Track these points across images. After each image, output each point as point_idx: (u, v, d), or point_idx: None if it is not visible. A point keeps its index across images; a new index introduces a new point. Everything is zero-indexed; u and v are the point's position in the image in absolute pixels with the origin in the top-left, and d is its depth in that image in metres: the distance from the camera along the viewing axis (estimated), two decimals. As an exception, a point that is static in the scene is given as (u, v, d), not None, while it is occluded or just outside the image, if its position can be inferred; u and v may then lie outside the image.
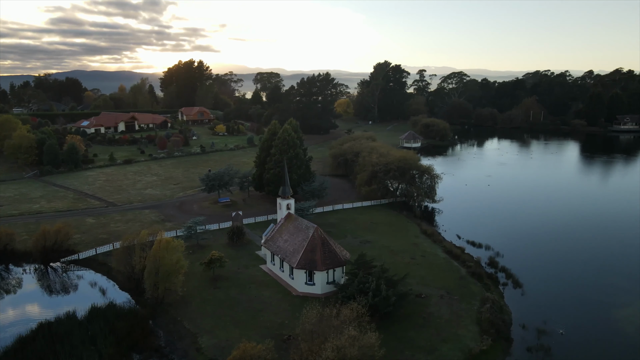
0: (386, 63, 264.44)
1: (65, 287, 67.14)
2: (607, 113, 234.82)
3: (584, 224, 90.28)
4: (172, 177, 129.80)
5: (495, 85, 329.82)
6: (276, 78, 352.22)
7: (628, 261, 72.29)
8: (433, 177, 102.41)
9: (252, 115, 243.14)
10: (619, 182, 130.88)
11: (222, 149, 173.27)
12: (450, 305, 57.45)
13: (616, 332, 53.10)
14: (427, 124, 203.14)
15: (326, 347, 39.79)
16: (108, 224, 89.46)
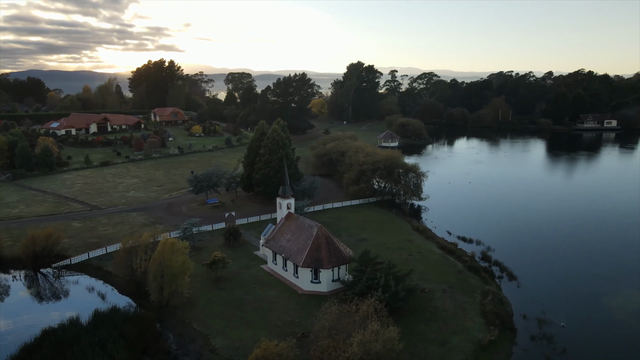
0: (359, 64, 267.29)
1: (62, 293, 65.36)
2: (571, 112, 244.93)
3: (565, 218, 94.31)
4: (154, 179, 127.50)
5: (464, 85, 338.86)
6: (247, 78, 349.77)
7: (611, 252, 76.19)
8: (419, 175, 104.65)
9: (226, 116, 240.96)
10: (590, 178, 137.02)
11: (201, 150, 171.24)
12: (454, 298, 59.26)
13: (608, 319, 56.09)
14: (403, 124, 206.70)
15: (351, 342, 40.55)
16: (95, 227, 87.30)
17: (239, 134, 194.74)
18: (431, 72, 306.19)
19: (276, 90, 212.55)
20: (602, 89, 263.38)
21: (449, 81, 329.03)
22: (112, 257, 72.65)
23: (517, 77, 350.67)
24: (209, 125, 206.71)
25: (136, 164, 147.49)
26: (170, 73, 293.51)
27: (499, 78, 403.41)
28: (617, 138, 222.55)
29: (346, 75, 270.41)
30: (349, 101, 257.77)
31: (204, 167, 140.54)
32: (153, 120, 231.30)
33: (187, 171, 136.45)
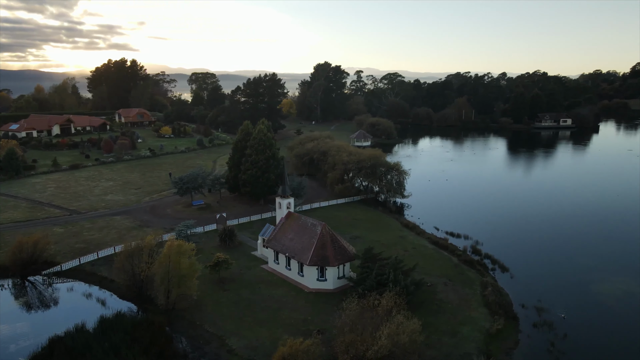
0: (326, 64, 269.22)
1: (58, 301, 63.12)
2: (529, 111, 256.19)
3: (542, 211, 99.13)
4: (130, 181, 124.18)
5: (425, 86, 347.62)
6: (212, 79, 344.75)
7: (590, 242, 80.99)
8: (401, 173, 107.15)
9: (194, 116, 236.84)
10: (555, 173, 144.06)
11: (173, 152, 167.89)
12: (455, 291, 61.55)
13: (600, 304, 59.90)
14: (373, 123, 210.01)
15: (379, 336, 41.68)
16: (80, 232, 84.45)
17: (211, 135, 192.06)
18: (395, 73, 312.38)
19: (246, 90, 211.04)
20: (557, 89, 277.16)
21: (412, 81, 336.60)
22: (106, 262, 71.16)
23: (476, 77, 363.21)
24: (178, 126, 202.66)
25: (108, 167, 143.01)
26: (132, 73, 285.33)
27: (457, 78, 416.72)
28: (572, 136, 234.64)
29: (313, 75, 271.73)
30: (318, 101, 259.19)
31: (180, 168, 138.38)
32: (118, 121, 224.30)
33: (163, 173, 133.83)
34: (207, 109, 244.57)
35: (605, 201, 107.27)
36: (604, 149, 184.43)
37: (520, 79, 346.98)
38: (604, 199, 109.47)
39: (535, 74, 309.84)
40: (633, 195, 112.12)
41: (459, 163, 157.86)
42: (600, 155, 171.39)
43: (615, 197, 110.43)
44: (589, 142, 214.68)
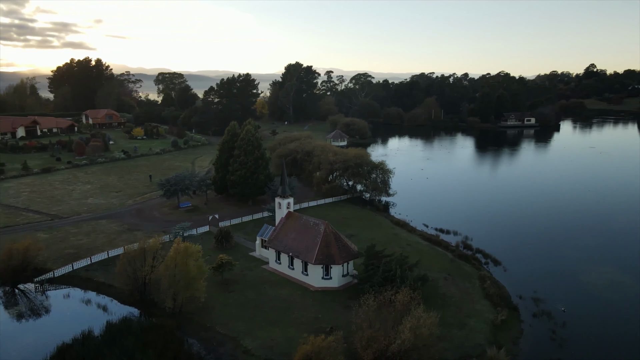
0: (297, 64, 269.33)
1: (56, 309, 61.05)
2: (495, 111, 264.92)
3: (522, 205, 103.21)
4: (108, 184, 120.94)
5: (393, 86, 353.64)
6: (179, 79, 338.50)
7: (574, 234, 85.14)
8: (386, 172, 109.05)
9: (165, 117, 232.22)
10: (528, 169, 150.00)
11: (148, 154, 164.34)
12: (456, 285, 63.58)
13: (590, 293, 63.28)
14: (348, 123, 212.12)
15: (402, 329, 42.81)
16: (66, 237, 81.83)
17: (185, 137, 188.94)
18: (365, 73, 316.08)
19: (219, 91, 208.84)
20: (520, 90, 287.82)
21: (381, 82, 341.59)
22: (100, 267, 69.49)
23: (442, 78, 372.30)
24: (150, 127, 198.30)
25: (82, 170, 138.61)
26: (97, 73, 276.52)
27: (422, 78, 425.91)
28: (535, 134, 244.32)
29: (285, 75, 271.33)
30: (290, 102, 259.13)
31: (158, 170, 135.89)
32: (86, 122, 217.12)
33: (142, 176, 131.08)
34: (178, 110, 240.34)
35: (577, 196, 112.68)
36: (569, 147, 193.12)
37: (483, 79, 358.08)
38: (577, 194, 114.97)
39: (499, 75, 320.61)
40: (602, 190, 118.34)
41: (435, 161, 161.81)
42: (566, 152, 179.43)
43: (586, 192, 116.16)
44: (550, 139, 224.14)
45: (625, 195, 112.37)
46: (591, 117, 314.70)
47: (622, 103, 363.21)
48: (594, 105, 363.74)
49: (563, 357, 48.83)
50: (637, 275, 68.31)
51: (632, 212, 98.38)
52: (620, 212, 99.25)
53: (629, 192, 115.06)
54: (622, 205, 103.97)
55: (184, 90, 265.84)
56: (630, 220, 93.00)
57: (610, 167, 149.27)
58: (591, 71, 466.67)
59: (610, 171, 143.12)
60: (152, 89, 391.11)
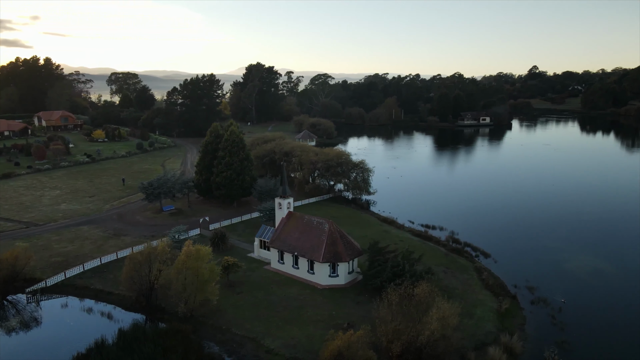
0: (259, 65, 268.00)
1: (57, 319, 58.44)
2: (452, 111, 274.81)
3: (496, 199, 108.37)
4: (79, 189, 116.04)
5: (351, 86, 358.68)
6: (133, 79, 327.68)
7: (549, 225, 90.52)
8: (366, 170, 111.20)
9: (124, 119, 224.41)
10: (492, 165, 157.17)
11: (113, 157, 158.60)
12: (456, 277, 66.34)
13: (576, 279, 67.85)
14: (314, 124, 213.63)
15: (430, 320, 44.54)
16: (49, 245, 78.16)
17: (149, 138, 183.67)
18: (325, 74, 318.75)
19: (183, 92, 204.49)
20: (475, 90, 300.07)
21: (340, 82, 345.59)
22: (94, 274, 67.15)
23: (398, 78, 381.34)
24: (111, 129, 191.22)
25: (46, 175, 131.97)
26: (47, 73, 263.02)
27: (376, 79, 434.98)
28: (490, 132, 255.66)
29: (246, 76, 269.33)
30: (253, 102, 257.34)
31: (128, 173, 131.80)
32: (38, 125, 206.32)
33: (113, 179, 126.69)
34: (138, 111, 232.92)
35: (544, 190, 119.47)
36: (526, 144, 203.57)
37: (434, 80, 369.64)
38: (543, 188, 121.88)
39: (454, 76, 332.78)
40: (564, 183, 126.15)
41: (404, 160, 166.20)
42: (524, 150, 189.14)
43: (550, 186, 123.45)
44: (504, 137, 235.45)
45: (585, 188, 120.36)
46: (538, 116, 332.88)
47: (564, 102, 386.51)
48: (539, 104, 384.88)
49: (568, 339, 52.30)
50: (613, 261, 73.83)
51: (595, 204, 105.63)
52: (585, 203, 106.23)
53: (588, 185, 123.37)
54: (585, 197, 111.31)
55: (143, 91, 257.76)
56: (595, 211, 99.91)
57: (566, 162, 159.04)
58: (534, 72, 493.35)
59: (566, 166, 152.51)
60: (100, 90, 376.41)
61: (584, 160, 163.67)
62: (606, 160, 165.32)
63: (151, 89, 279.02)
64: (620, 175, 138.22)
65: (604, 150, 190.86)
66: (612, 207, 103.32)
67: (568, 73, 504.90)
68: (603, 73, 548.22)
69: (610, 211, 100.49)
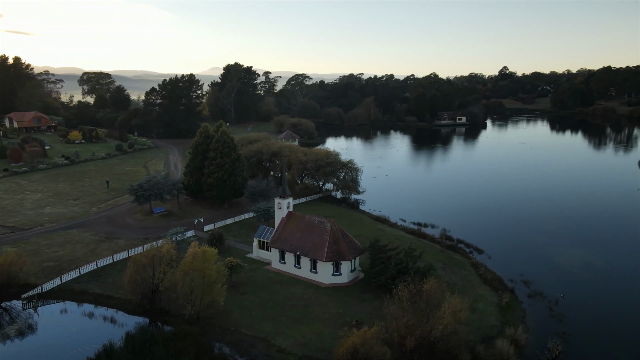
0: (237, 65, 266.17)
1: (59, 325, 57.05)
2: (430, 110, 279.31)
3: (484, 196, 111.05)
4: (61, 192, 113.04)
5: (328, 87, 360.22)
6: (106, 79, 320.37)
7: (536, 221, 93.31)
8: (354, 170, 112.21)
9: (100, 120, 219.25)
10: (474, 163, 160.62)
11: (93, 158, 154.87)
12: (454, 273, 67.86)
13: (568, 273, 70.22)
14: (295, 124, 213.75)
15: (443, 315, 45.62)
16: (39, 250, 75.99)
17: (129, 140, 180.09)
18: (303, 74, 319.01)
19: (162, 92, 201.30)
20: (450, 90, 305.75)
21: (317, 82, 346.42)
22: (92, 278, 65.83)
23: (374, 79, 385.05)
24: (87, 130, 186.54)
25: (24, 177, 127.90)
26: (16, 72, 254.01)
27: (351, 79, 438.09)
28: (467, 131, 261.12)
29: (224, 76, 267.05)
30: (231, 103, 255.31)
31: (111, 176, 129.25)
32: (10, 126, 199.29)
33: (95, 182, 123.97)
34: (114, 112, 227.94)
35: (525, 187, 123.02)
36: (503, 143, 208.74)
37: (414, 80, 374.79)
38: (524, 184, 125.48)
39: (430, 77, 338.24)
40: (544, 181, 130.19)
41: (387, 159, 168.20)
42: (501, 148, 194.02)
43: (531, 183, 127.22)
44: (479, 136, 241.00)
45: (563, 184, 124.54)
46: (510, 115, 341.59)
47: (535, 102, 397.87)
48: (511, 104, 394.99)
49: (567, 330, 54.34)
50: (600, 254, 76.86)
51: (575, 199, 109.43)
52: (566, 199, 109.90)
53: (565, 182, 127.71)
54: (565, 193, 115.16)
55: (118, 91, 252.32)
56: (575, 206, 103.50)
57: (542, 160, 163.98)
58: (505, 73, 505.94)
59: (543, 163, 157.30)
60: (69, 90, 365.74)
61: (558, 158, 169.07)
62: (578, 157, 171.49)
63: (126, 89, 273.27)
64: (593, 171, 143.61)
65: (575, 148, 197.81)
66: (590, 202, 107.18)
67: (537, 74, 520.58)
68: (569, 74, 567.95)
69: (589, 206, 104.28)
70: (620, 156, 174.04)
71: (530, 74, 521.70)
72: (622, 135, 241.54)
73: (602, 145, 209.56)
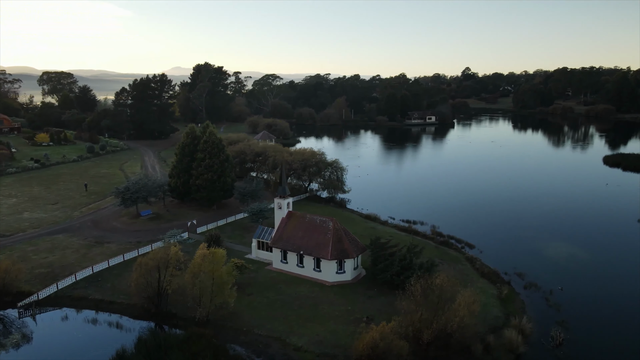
0: (207, 65, 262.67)
1: (61, 332, 55.26)
2: (400, 110, 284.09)
3: (466, 193, 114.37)
4: (38, 197, 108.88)
5: (298, 87, 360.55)
6: (68, 79, 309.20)
7: (519, 216, 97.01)
8: (340, 169, 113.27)
9: (67, 121, 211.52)
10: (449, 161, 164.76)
11: (64, 161, 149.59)
12: (452, 268, 69.78)
13: (556, 264, 73.51)
14: (270, 124, 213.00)
15: (457, 308, 47.16)
16: (26, 257, 73.14)
17: (101, 142, 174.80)
18: (273, 74, 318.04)
19: (133, 92, 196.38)
20: (419, 90, 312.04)
21: (287, 83, 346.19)
22: (90, 283, 64.10)
23: (343, 79, 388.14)
24: (56, 132, 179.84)
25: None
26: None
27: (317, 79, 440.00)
28: (436, 130, 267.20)
29: (194, 76, 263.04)
30: (203, 103, 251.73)
31: (87, 179, 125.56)
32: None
33: (72, 185, 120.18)
34: (81, 113, 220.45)
35: (502, 183, 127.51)
36: (474, 142, 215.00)
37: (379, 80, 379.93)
38: (501, 181, 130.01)
39: (399, 77, 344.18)
40: (518, 177, 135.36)
41: (366, 158, 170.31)
42: (473, 146, 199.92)
43: (507, 180, 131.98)
44: (447, 135, 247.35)
45: (536, 180, 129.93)
46: (475, 115, 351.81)
47: (497, 102, 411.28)
48: (475, 104, 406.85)
49: (565, 318, 57.09)
50: (582, 246, 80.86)
51: (551, 195, 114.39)
52: (542, 195, 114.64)
53: (538, 178, 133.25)
54: (540, 189, 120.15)
55: (84, 92, 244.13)
56: (553, 201, 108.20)
57: (513, 157, 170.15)
58: (468, 74, 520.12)
59: (515, 161, 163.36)
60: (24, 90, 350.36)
61: (527, 156, 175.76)
62: (545, 155, 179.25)
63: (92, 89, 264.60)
64: (562, 168, 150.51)
65: (540, 146, 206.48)
66: (565, 198, 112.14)
67: (497, 74, 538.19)
68: (526, 74, 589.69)
69: (565, 201, 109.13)
70: (583, 153, 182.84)
71: (491, 74, 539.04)
72: (579, 134, 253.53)
73: (562, 143, 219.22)
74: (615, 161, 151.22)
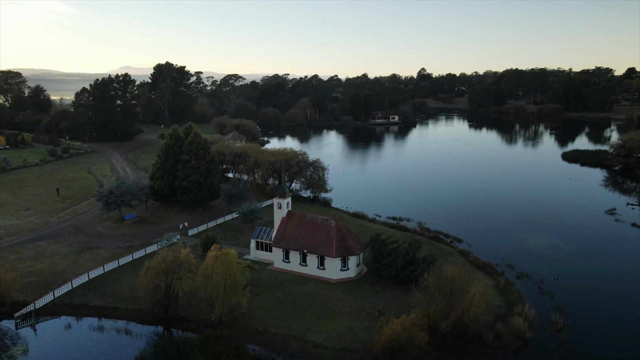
0: (169, 64, 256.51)
1: (68, 341, 53.10)
2: (364, 110, 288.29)
3: (444, 190, 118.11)
4: (6, 203, 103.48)
5: (260, 87, 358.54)
6: (17, 78, 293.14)
7: (498, 210, 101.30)
8: (321, 168, 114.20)
9: (20, 123, 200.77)
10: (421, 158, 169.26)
11: (26, 165, 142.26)
12: (448, 261, 72.03)
13: (540, 255, 77.49)
14: (237, 125, 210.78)
15: (472, 297, 49.23)
16: (12, 266, 69.25)
17: (61, 144, 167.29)
18: (236, 74, 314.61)
19: (94, 92, 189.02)
20: (381, 90, 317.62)
21: (249, 83, 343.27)
22: (88, 290, 61.93)
23: (305, 79, 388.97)
24: (12, 135, 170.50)
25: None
26: None
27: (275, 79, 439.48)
28: (400, 130, 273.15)
29: (155, 76, 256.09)
30: (166, 104, 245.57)
31: (55, 183, 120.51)
32: None
33: (40, 190, 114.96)
34: (35, 115, 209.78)
35: (473, 179, 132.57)
36: (439, 140, 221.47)
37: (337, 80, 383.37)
38: (472, 178, 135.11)
39: (362, 77, 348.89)
40: (489, 174, 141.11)
41: (339, 158, 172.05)
42: (438, 145, 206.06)
43: (479, 177, 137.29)
44: (411, 134, 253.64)
45: (505, 177, 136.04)
46: (433, 114, 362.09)
47: (454, 102, 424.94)
48: (433, 104, 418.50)
49: (560, 304, 60.62)
50: (562, 237, 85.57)
51: (521, 190, 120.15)
52: (513, 190, 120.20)
53: (506, 174, 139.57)
54: (511, 185, 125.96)
55: (37, 92, 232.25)
56: (524, 196, 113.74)
57: (477, 155, 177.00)
58: (424, 74, 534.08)
59: (479, 158, 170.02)
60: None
61: (490, 153, 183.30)
62: (506, 152, 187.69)
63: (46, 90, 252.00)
64: (525, 165, 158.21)
65: (498, 143, 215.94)
66: (534, 193, 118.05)
67: (450, 75, 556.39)
68: (477, 75, 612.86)
69: (536, 196, 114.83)
70: (542, 150, 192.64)
71: (445, 75, 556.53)
72: (531, 132, 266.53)
73: (517, 141, 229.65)
74: (573, 157, 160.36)
